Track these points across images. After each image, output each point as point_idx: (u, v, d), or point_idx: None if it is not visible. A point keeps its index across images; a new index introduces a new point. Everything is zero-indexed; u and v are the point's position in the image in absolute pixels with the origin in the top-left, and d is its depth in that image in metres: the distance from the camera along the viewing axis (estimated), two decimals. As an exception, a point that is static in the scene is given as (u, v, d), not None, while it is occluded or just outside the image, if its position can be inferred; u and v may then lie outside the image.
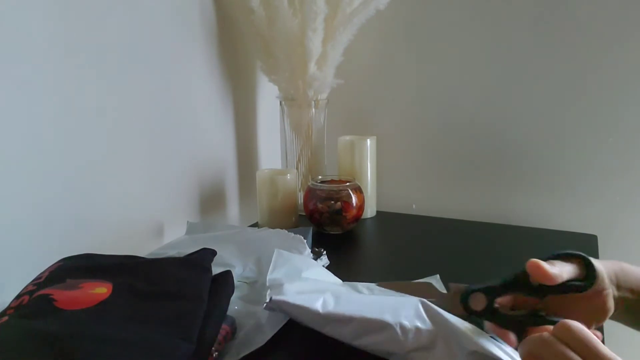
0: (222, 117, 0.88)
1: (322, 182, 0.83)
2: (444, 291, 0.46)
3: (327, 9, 0.80)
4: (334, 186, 0.81)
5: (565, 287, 0.41)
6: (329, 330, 0.45)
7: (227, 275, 0.51)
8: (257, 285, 0.57)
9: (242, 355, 0.44)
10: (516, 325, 0.42)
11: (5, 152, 0.52)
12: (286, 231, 0.70)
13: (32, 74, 0.54)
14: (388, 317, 0.43)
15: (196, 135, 0.81)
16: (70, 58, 0.58)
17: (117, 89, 0.65)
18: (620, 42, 0.81)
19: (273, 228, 0.73)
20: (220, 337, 0.44)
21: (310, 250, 0.65)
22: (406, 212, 0.98)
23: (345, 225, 0.81)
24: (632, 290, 0.44)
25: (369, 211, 0.92)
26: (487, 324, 0.43)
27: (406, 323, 0.42)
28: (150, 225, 0.73)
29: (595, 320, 0.44)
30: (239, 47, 0.91)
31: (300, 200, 0.87)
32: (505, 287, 0.43)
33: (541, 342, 0.34)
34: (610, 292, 0.43)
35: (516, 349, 0.40)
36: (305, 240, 0.66)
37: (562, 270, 0.41)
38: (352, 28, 0.84)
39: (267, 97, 0.98)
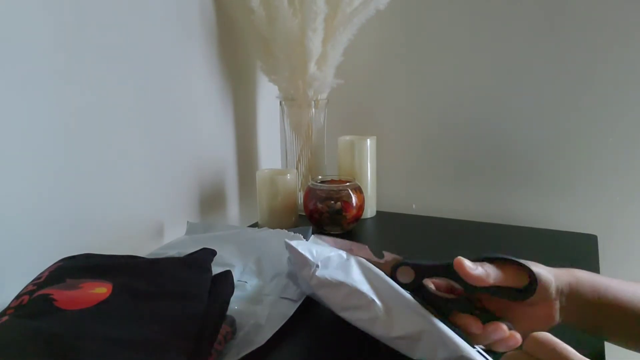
0: (222, 117, 0.88)
1: (322, 182, 0.83)
2: (378, 257, 0.48)
3: (327, 9, 0.79)
4: (334, 186, 0.81)
5: (498, 291, 0.41)
6: (322, 294, 0.46)
7: (227, 275, 0.51)
8: (257, 284, 0.57)
9: (242, 355, 0.44)
10: (440, 306, 0.43)
11: (5, 152, 0.52)
12: (286, 231, 0.70)
13: (32, 73, 0.54)
14: (374, 297, 0.43)
15: (196, 135, 0.81)
16: (70, 58, 0.58)
17: (117, 89, 0.65)
18: (621, 43, 0.81)
19: (273, 228, 0.73)
20: (220, 337, 0.44)
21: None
22: (406, 212, 0.98)
23: (345, 225, 0.81)
24: (585, 301, 0.43)
25: (369, 211, 0.92)
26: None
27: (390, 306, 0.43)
28: (150, 225, 0.73)
29: (539, 328, 0.42)
30: (239, 47, 0.91)
31: (300, 200, 0.87)
32: (436, 270, 0.44)
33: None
34: (557, 304, 0.43)
35: None
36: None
37: (488, 274, 0.41)
38: (352, 28, 0.84)
39: (267, 97, 0.98)
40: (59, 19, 0.56)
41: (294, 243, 0.50)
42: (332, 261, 0.49)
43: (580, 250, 0.75)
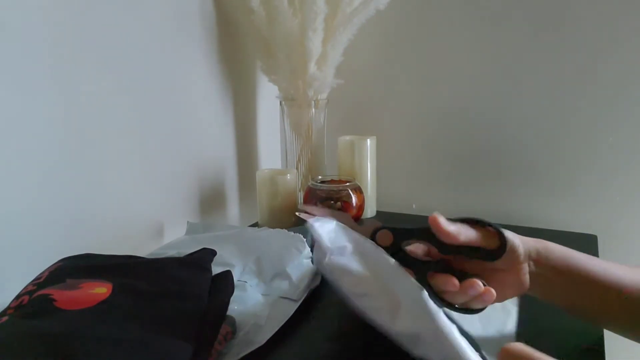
0: (222, 117, 0.88)
1: (322, 182, 0.83)
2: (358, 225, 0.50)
3: (327, 9, 0.79)
4: (334, 186, 0.81)
5: (470, 252, 0.44)
6: (334, 279, 0.47)
7: (227, 275, 0.51)
8: (257, 284, 0.57)
9: (242, 355, 0.44)
10: (418, 267, 0.45)
11: (5, 152, 0.52)
12: (286, 230, 0.70)
13: (31, 73, 0.54)
14: (383, 288, 0.44)
15: (196, 135, 0.81)
16: (70, 57, 0.58)
17: (117, 89, 0.65)
18: (621, 42, 0.81)
19: (273, 228, 0.73)
20: (220, 337, 0.44)
21: (310, 249, 0.65)
22: (406, 212, 0.98)
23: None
24: (554, 269, 0.44)
25: (369, 211, 0.92)
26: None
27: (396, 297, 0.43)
28: (150, 225, 0.73)
29: (510, 294, 0.45)
30: (239, 47, 0.91)
31: (300, 200, 0.87)
32: (413, 232, 0.46)
33: None
34: (526, 268, 0.44)
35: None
36: (305, 239, 0.66)
37: (459, 232, 0.42)
38: (352, 28, 0.84)
39: (267, 97, 0.98)
40: (58, 18, 0.56)
41: (316, 225, 0.49)
42: (348, 249, 0.49)
43: (580, 250, 0.75)
